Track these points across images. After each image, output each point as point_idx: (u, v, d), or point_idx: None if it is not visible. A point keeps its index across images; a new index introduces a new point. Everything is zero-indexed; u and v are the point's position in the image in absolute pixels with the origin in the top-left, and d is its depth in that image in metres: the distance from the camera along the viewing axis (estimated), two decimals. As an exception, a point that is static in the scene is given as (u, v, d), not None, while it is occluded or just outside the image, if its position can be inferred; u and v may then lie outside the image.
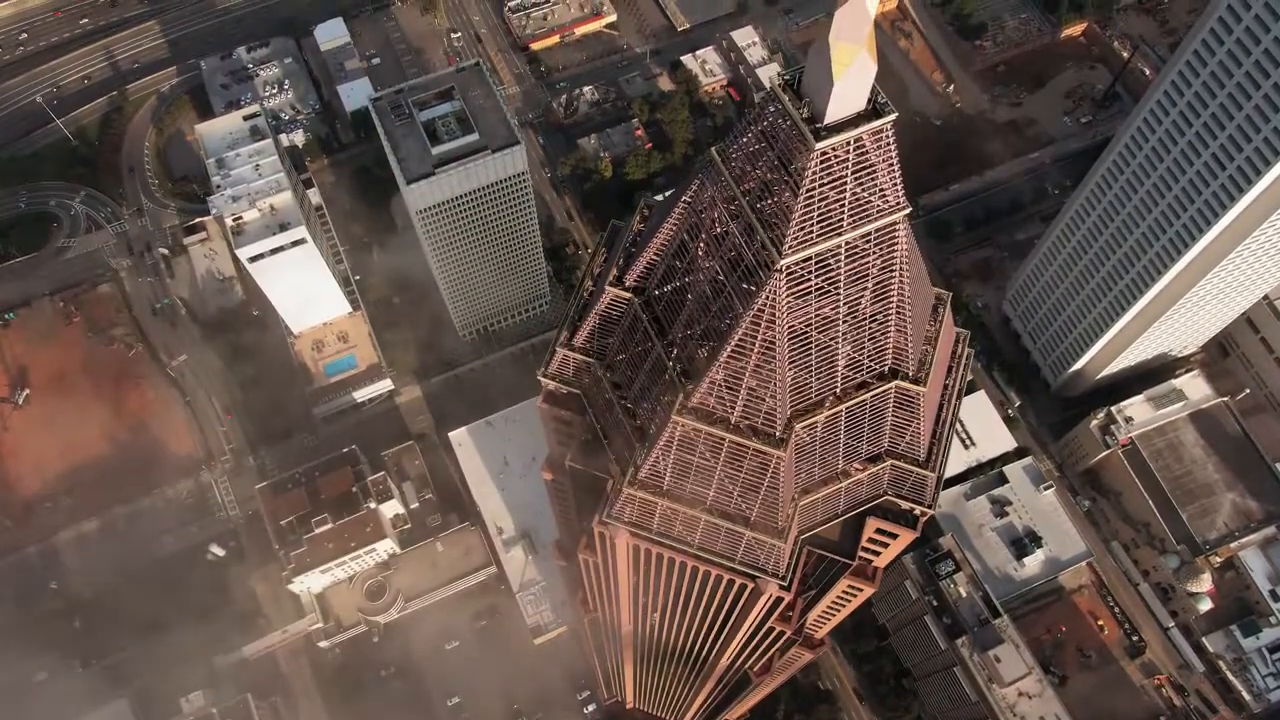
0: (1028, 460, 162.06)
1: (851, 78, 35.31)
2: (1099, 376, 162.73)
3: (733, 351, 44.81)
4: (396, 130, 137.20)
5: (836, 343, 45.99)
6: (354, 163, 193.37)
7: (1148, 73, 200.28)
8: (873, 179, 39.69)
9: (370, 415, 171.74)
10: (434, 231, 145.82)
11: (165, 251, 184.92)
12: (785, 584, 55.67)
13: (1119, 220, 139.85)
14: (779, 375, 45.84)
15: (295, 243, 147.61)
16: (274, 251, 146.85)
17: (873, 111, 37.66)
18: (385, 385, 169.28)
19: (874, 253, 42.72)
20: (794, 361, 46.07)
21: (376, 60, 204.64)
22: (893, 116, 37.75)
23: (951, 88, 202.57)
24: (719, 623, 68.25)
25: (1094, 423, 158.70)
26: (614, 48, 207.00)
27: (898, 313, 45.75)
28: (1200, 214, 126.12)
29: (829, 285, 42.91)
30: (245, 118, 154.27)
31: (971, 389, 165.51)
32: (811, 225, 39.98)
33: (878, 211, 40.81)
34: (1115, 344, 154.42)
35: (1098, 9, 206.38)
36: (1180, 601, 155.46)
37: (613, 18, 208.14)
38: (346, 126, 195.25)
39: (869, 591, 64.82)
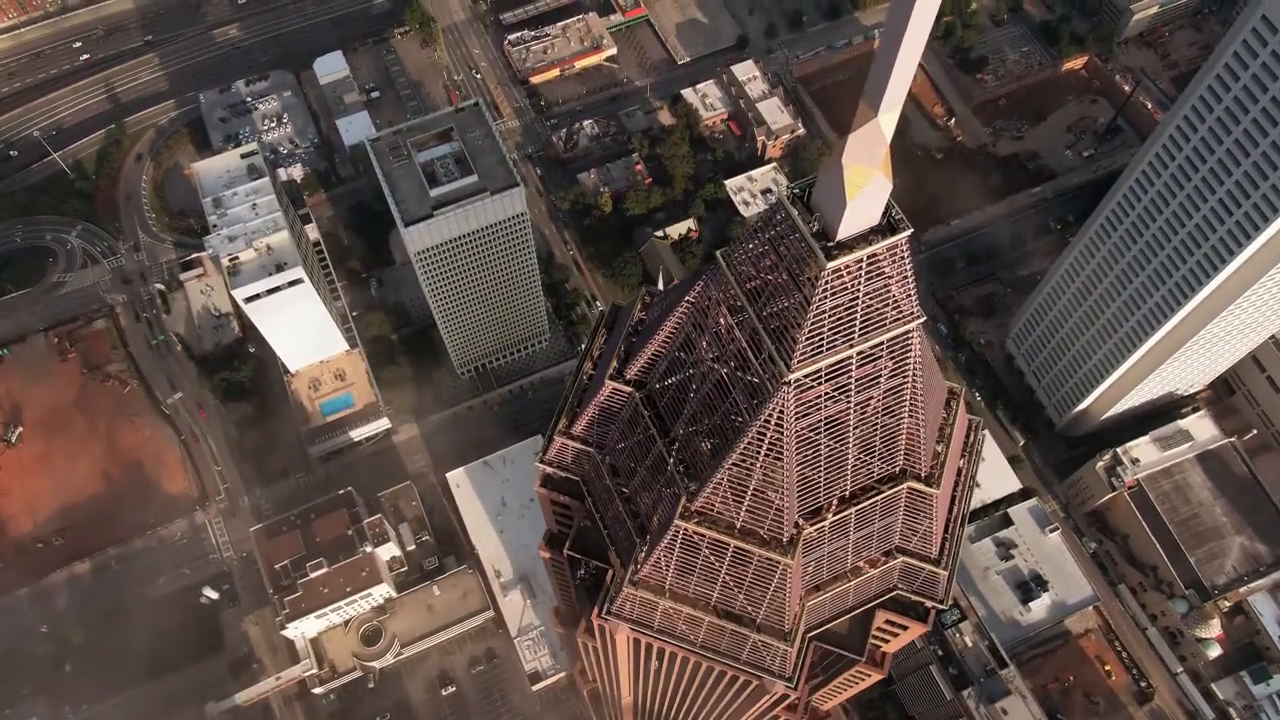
0: (1033, 502, 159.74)
1: (866, 198, 33.72)
2: (1105, 417, 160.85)
3: (738, 458, 43.01)
4: (395, 171, 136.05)
5: (847, 446, 44.19)
6: (352, 197, 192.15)
7: (1149, 106, 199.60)
8: (886, 290, 38.05)
9: (367, 454, 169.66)
10: (432, 272, 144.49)
11: (161, 287, 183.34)
12: (792, 684, 53.65)
13: (1124, 262, 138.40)
14: (786, 480, 44.00)
15: (292, 283, 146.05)
16: (270, 292, 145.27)
17: (888, 226, 36.05)
18: (382, 424, 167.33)
19: (886, 359, 41.03)
20: (802, 465, 44.25)
21: (376, 93, 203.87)
22: (908, 233, 36.15)
23: (953, 121, 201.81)
24: (722, 710, 66.11)
25: (1100, 464, 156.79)
26: (614, 81, 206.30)
27: (910, 414, 44.02)
28: (1208, 259, 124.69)
29: (839, 392, 41.16)
30: (242, 156, 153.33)
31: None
32: (821, 339, 38.30)
33: (891, 321, 39.15)
34: (1121, 384, 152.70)
35: (1099, 42, 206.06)
36: (1189, 647, 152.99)
37: (613, 51, 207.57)
38: (345, 160, 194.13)
39: (877, 677, 62.70)
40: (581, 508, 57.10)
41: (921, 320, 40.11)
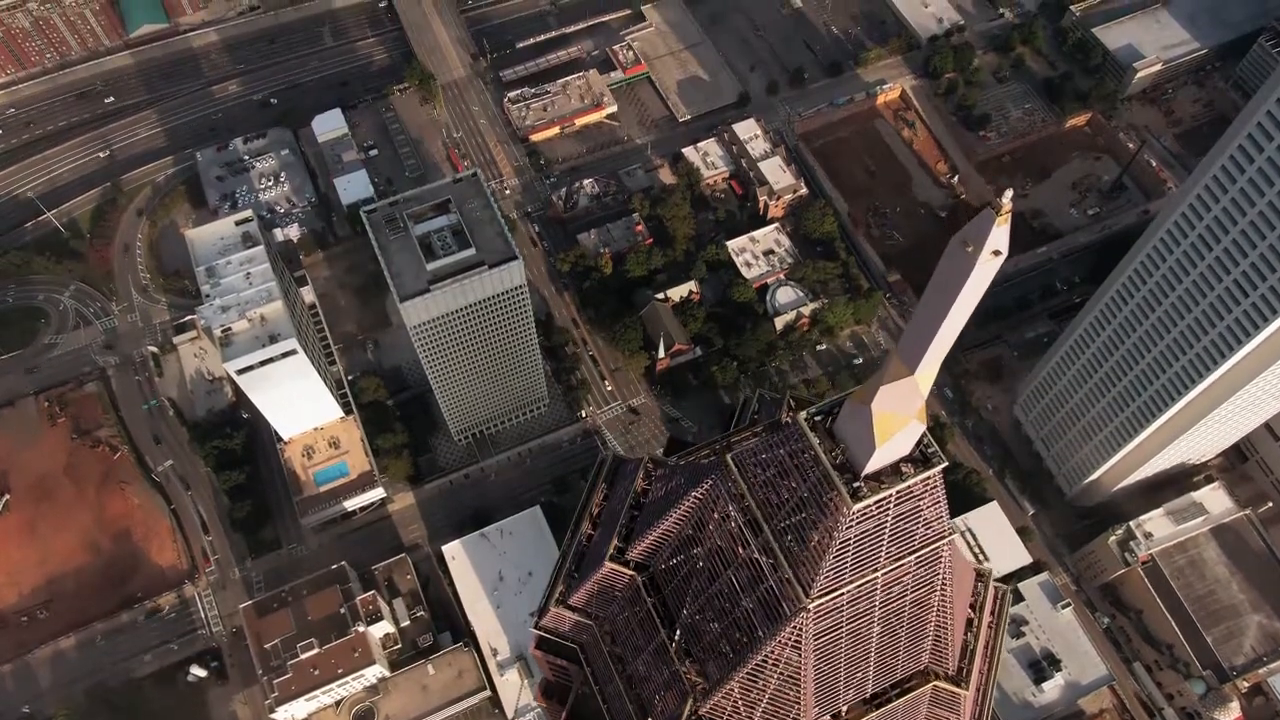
0: (1044, 576, 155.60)
1: (896, 440, 30.58)
2: (1116, 489, 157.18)
3: (751, 670, 39.55)
4: (391, 244, 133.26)
5: (869, 652, 40.71)
6: (350, 257, 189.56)
7: (1154, 164, 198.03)
8: (916, 513, 34.82)
9: (361, 524, 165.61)
10: (429, 343, 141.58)
11: (154, 349, 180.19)
12: None
13: (1138, 335, 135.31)
14: (804, 690, 40.50)
15: (285, 354, 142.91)
16: (263, 363, 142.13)
17: (920, 458, 32.89)
18: (377, 494, 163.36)
19: (914, 572, 37.71)
20: (820, 673, 40.77)
21: (374, 151, 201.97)
22: (942, 466, 32.95)
23: (956, 178, 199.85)
24: None
25: (1112, 538, 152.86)
26: (614, 139, 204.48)
27: (937, 618, 40.60)
28: (1223, 338, 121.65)
29: (864, 610, 37.78)
30: (237, 223, 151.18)
31: (983, 499, 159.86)
32: (845, 566, 35.03)
33: (920, 541, 35.88)
34: (1134, 457, 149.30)
35: (1102, 99, 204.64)
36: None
37: (613, 109, 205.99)
38: (343, 220, 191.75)
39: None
40: (579, 674, 53.43)
41: (952, 535, 36.87)
